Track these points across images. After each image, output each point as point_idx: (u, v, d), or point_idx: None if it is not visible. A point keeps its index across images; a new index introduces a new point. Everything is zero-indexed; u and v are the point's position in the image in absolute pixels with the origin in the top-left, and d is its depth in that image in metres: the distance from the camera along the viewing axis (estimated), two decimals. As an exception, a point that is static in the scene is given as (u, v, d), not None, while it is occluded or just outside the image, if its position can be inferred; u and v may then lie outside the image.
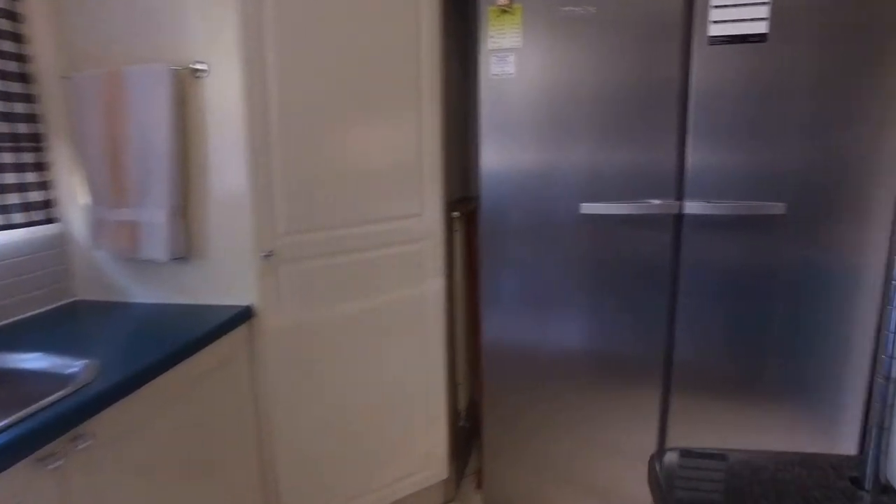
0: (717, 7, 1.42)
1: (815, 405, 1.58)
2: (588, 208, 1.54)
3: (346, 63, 1.50)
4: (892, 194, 1.49)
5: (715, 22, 1.43)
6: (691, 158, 1.50)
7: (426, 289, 1.72)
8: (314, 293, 1.54)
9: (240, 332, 1.43)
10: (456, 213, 1.85)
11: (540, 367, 1.70)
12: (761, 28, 1.41)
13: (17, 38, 1.41)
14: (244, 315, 1.43)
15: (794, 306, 1.53)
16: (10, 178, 1.39)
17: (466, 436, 2.19)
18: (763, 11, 1.41)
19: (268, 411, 1.51)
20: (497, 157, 1.60)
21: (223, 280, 1.48)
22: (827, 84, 1.42)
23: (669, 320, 1.59)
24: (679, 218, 1.53)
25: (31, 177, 1.45)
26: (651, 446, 1.68)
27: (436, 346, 1.78)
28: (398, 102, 1.60)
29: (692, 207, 1.50)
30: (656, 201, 1.52)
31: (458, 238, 1.91)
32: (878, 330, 1.52)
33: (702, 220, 1.52)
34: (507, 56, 1.55)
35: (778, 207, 1.48)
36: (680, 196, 1.52)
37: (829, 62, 1.41)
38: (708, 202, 1.49)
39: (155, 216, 1.41)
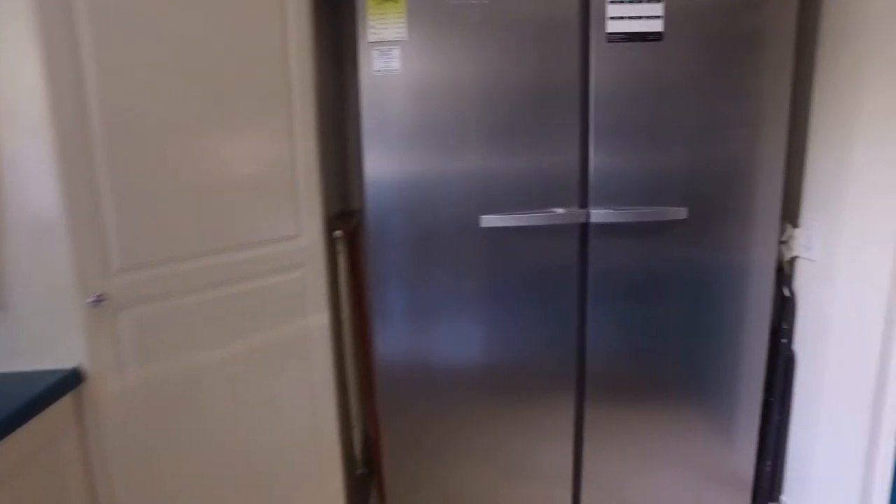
0: (613, 2, 1.33)
1: (715, 407, 1.56)
2: (489, 221, 1.39)
3: (194, 57, 1.20)
4: (778, 193, 1.51)
5: (612, 18, 1.34)
6: (595, 163, 1.40)
7: (309, 323, 1.46)
8: (167, 342, 1.22)
9: (63, 405, 1.08)
10: (338, 233, 1.61)
11: (442, 391, 1.52)
12: (657, 27, 1.35)
13: None
14: (68, 382, 1.08)
15: (697, 308, 1.51)
16: None
17: (364, 482, 1.95)
18: (658, 9, 1.34)
19: (113, 499, 1.18)
20: (383, 164, 1.39)
21: (35, 338, 1.12)
22: (718, 86, 1.40)
23: (580, 330, 1.49)
24: (585, 226, 1.43)
25: None
26: (567, 461, 1.57)
27: (324, 387, 1.52)
28: (263, 104, 1.32)
29: (599, 216, 1.40)
30: (561, 210, 1.41)
31: (342, 261, 1.67)
32: (772, 331, 1.54)
33: (609, 228, 1.43)
34: (391, 50, 1.35)
35: (680, 212, 1.43)
36: (585, 203, 1.42)
37: (720, 65, 1.39)
38: (614, 209, 1.41)
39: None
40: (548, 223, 1.40)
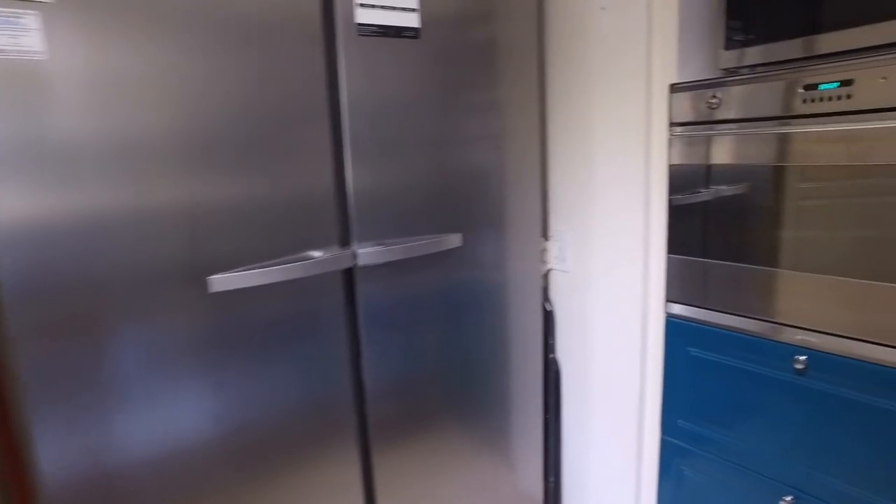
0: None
1: (501, 429, 1.46)
2: (222, 283, 0.97)
3: None
4: (537, 207, 1.44)
5: (362, 5, 1.05)
6: (354, 187, 1.11)
7: None
8: None
9: None
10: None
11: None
12: (414, 21, 1.11)
13: None
14: None
15: (474, 333, 1.37)
16: None
17: None
18: (413, 1, 1.10)
19: None
20: (27, 203, 0.86)
21: None
22: (473, 95, 1.24)
23: (355, 377, 1.19)
24: (350, 270, 1.13)
25: None
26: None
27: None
28: None
29: (367, 256, 1.11)
30: (319, 253, 1.07)
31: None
32: (545, 346, 1.49)
33: (378, 268, 1.15)
34: (22, 17, 0.82)
35: (455, 239, 1.24)
36: (347, 241, 1.12)
37: (477, 74, 1.23)
38: (384, 245, 1.13)
39: None
40: (304, 275, 1.05)
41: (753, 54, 1.20)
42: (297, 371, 1.09)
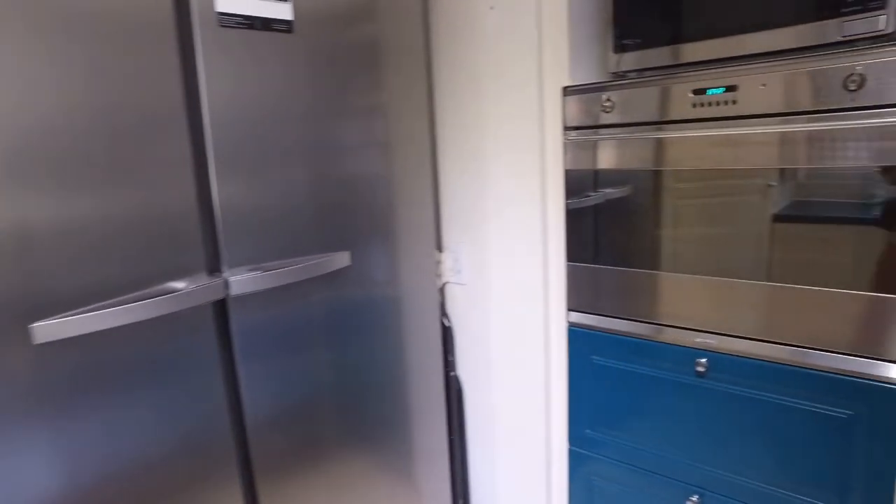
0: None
1: (403, 454, 1.36)
2: (50, 331, 0.77)
3: None
4: (430, 218, 1.35)
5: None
6: (222, 203, 0.94)
7: None
8: None
9: None
10: None
11: None
12: (286, 13, 0.97)
13: None
14: None
15: (370, 356, 1.25)
16: None
17: None
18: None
19: None
20: None
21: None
22: (360, 102, 1.13)
23: (235, 416, 1.02)
24: (223, 301, 0.96)
25: None
26: None
27: None
28: None
29: (240, 284, 0.95)
30: (182, 284, 0.90)
31: None
32: (446, 364, 1.40)
33: (255, 295, 1.00)
34: None
35: (343, 258, 1.11)
36: (217, 267, 0.95)
37: (359, 79, 1.12)
38: (260, 270, 0.98)
39: None
40: (168, 311, 0.87)
41: (642, 58, 1.19)
42: (166, 412, 0.91)
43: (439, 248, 1.53)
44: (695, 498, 1.22)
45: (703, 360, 1.15)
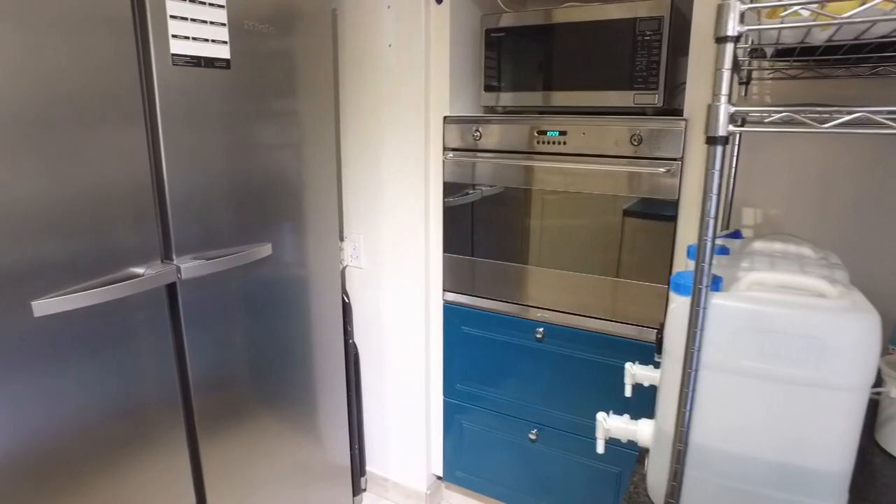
0: (174, 18, 1.11)
1: (312, 410, 1.64)
2: (48, 307, 0.98)
3: None
4: (335, 210, 1.64)
5: (175, 37, 1.12)
6: (171, 201, 1.17)
7: None
8: None
9: None
10: None
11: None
12: (225, 52, 1.21)
13: None
14: None
15: (286, 327, 1.51)
16: None
17: None
18: (223, 34, 1.20)
19: None
20: None
21: None
22: (274, 109, 1.38)
23: (182, 380, 1.26)
24: (173, 285, 1.20)
25: None
26: (191, 498, 1.34)
27: None
28: None
29: (189, 270, 1.19)
30: (142, 270, 1.13)
31: None
32: (345, 333, 1.70)
33: (199, 278, 1.24)
34: None
35: (266, 249, 1.37)
36: (169, 254, 1.18)
37: (277, 90, 1.37)
38: (205, 258, 1.22)
39: None
40: (133, 292, 1.10)
41: (505, 98, 1.55)
42: (125, 377, 1.14)
43: (341, 237, 1.82)
44: (535, 431, 1.64)
45: (541, 329, 1.55)
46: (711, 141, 0.58)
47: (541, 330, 1.56)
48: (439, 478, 1.91)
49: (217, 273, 1.28)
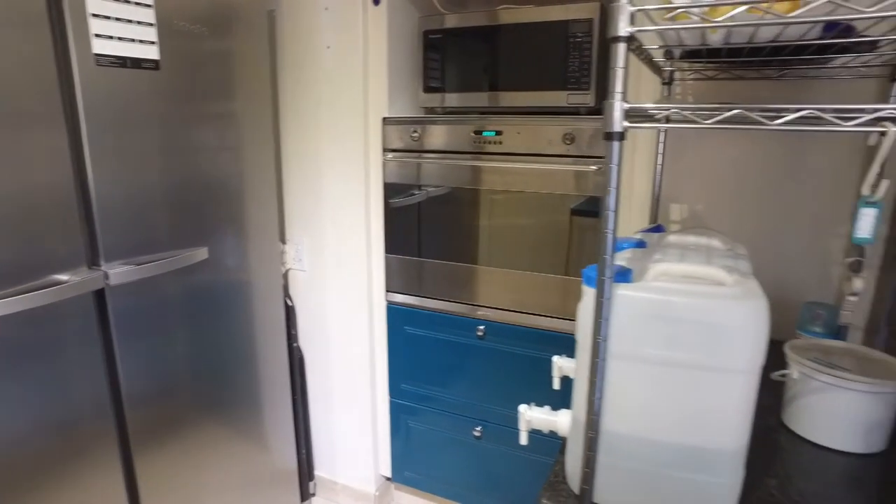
0: (97, 17, 1.08)
1: (255, 416, 1.62)
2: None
3: None
4: (274, 214, 1.62)
5: (98, 36, 1.09)
6: (98, 201, 1.14)
7: None
8: None
9: None
10: None
11: None
12: (153, 53, 1.19)
13: None
14: None
15: (227, 333, 1.49)
16: None
17: None
18: (151, 34, 1.18)
19: None
20: None
21: None
22: (211, 113, 1.37)
23: (113, 392, 1.23)
24: (101, 292, 1.17)
25: None
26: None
27: None
28: None
29: (118, 276, 1.16)
30: (66, 276, 1.10)
31: None
32: (289, 336, 1.69)
33: (129, 284, 1.21)
34: None
35: (202, 253, 1.35)
36: (96, 260, 1.15)
37: (212, 92, 1.35)
38: (134, 264, 1.20)
39: None
40: (56, 300, 1.07)
41: (450, 99, 1.57)
42: (50, 391, 1.10)
43: (283, 240, 1.80)
44: (479, 428, 1.67)
45: (482, 327, 1.58)
46: (608, 137, 0.60)
47: (482, 328, 1.58)
48: (388, 479, 1.92)
49: (149, 279, 1.25)
